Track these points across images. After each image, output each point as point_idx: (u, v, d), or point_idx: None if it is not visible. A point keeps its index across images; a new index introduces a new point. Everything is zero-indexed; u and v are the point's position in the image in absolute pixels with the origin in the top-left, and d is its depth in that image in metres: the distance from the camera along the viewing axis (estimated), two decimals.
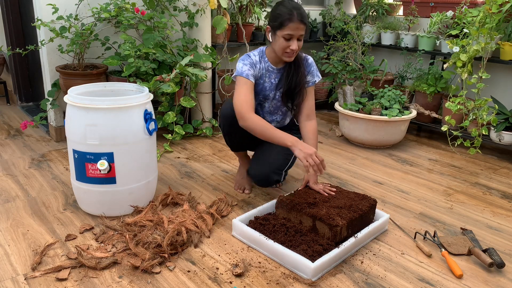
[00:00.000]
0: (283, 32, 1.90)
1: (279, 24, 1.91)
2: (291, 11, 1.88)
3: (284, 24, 1.89)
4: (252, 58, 2.04)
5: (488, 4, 2.75)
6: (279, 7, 1.93)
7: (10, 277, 1.57)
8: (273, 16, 1.94)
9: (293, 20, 1.88)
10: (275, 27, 1.93)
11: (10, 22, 3.56)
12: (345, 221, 1.76)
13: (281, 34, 1.91)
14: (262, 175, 2.09)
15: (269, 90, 2.13)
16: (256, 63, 2.04)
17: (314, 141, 2.09)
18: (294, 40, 1.92)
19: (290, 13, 1.88)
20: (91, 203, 1.99)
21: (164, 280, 1.58)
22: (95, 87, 2.10)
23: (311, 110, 2.13)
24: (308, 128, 2.11)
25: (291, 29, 1.89)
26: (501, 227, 2.08)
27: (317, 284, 1.60)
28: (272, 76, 2.10)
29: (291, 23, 1.88)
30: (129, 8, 2.76)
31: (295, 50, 1.94)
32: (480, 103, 2.76)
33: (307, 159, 1.80)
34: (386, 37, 3.67)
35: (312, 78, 2.14)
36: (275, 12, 1.93)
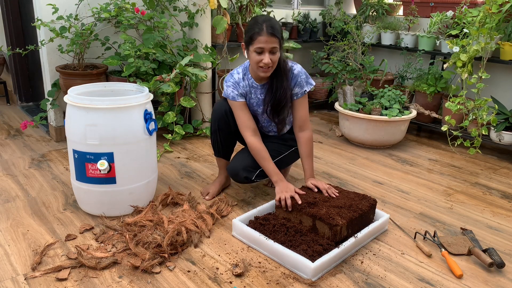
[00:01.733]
0: (254, 46, 1.87)
1: (249, 39, 1.88)
2: (261, 24, 1.85)
3: (254, 38, 1.86)
4: (235, 77, 2.04)
5: (488, 4, 2.75)
6: (251, 22, 1.92)
7: (10, 277, 1.57)
8: (245, 32, 1.92)
9: (261, 33, 1.84)
10: (247, 42, 1.91)
11: (10, 22, 3.56)
12: (345, 221, 1.76)
13: (253, 48, 1.88)
14: (233, 169, 2.10)
15: (257, 106, 2.11)
16: (239, 81, 2.04)
17: (308, 154, 2.10)
18: (265, 54, 1.87)
19: (259, 27, 1.85)
20: (91, 203, 1.99)
21: (164, 280, 1.58)
22: (95, 87, 2.10)
23: (303, 121, 2.10)
24: (301, 140, 2.10)
25: (260, 42, 1.85)
26: (501, 227, 2.08)
27: (317, 284, 1.60)
28: (257, 92, 2.08)
29: (260, 36, 1.85)
30: (129, 8, 2.76)
31: (267, 64, 1.88)
32: (480, 103, 2.76)
33: (280, 196, 1.90)
34: (386, 37, 3.68)
35: (301, 89, 2.06)
36: (247, 27, 1.91)
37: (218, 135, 2.17)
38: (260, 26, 1.84)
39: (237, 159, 2.14)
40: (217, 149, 2.23)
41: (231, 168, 2.13)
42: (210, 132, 2.21)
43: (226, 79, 2.05)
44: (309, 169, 2.10)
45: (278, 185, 1.96)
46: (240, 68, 2.07)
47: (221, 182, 2.29)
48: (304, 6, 4.10)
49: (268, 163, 2.00)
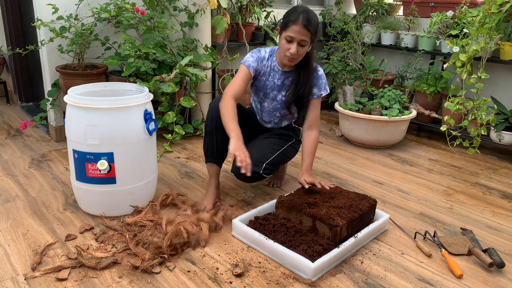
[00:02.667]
0: (286, 33, 1.89)
1: (284, 25, 1.91)
2: (299, 14, 1.86)
3: (288, 25, 1.88)
4: (262, 53, 2.07)
5: (488, 4, 2.75)
6: (291, 9, 1.94)
7: (10, 277, 1.57)
8: (283, 17, 1.95)
9: (297, 22, 1.86)
10: (282, 27, 1.93)
11: (10, 22, 3.56)
12: (345, 221, 1.76)
13: (284, 34, 1.90)
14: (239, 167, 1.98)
15: (270, 89, 2.12)
16: (263, 59, 2.07)
17: (311, 152, 2.09)
18: (294, 44, 1.89)
19: (296, 16, 1.86)
20: (91, 203, 1.99)
21: (164, 280, 1.58)
22: (95, 87, 2.10)
23: (313, 121, 2.12)
24: (308, 139, 2.11)
25: (293, 31, 1.87)
26: (501, 227, 2.08)
27: (317, 284, 1.60)
28: (276, 76, 2.09)
29: (294, 25, 1.86)
30: (129, 8, 2.76)
31: (293, 54, 1.91)
32: (479, 103, 2.76)
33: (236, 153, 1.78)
34: (386, 37, 3.68)
35: (319, 91, 2.09)
36: (286, 13, 1.94)
37: (214, 135, 2.10)
38: (297, 15, 1.85)
39: None
40: (211, 153, 2.13)
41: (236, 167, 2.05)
42: (205, 133, 2.14)
43: (254, 50, 2.08)
44: (308, 163, 2.08)
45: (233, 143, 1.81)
46: (268, 49, 2.10)
47: (215, 194, 2.16)
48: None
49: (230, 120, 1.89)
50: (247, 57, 2.05)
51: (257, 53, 2.07)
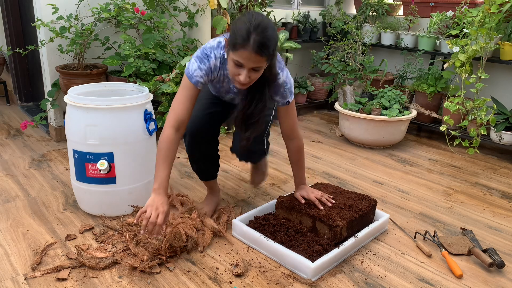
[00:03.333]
0: (233, 55, 1.47)
1: (232, 44, 1.47)
2: (249, 35, 1.42)
3: (236, 48, 1.45)
4: (211, 62, 1.62)
5: (488, 4, 2.75)
6: (240, 21, 1.47)
7: (10, 277, 1.57)
8: (231, 29, 1.51)
9: (246, 47, 1.43)
10: (230, 44, 1.49)
11: (10, 22, 3.56)
12: (345, 222, 1.76)
13: (232, 56, 1.49)
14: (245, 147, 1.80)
15: (226, 93, 1.83)
16: (214, 69, 1.65)
17: (299, 164, 1.91)
18: (244, 70, 1.48)
19: (245, 37, 1.42)
20: (91, 203, 1.99)
21: (164, 280, 1.58)
22: (95, 87, 2.10)
23: (290, 129, 1.83)
24: (290, 149, 1.88)
25: (241, 57, 1.45)
26: (501, 227, 2.08)
27: (317, 284, 1.60)
28: (230, 83, 1.74)
29: (243, 50, 1.43)
30: (129, 8, 2.75)
31: (243, 82, 1.50)
32: (479, 103, 2.76)
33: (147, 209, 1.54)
34: (386, 37, 3.67)
35: (283, 99, 1.73)
36: (234, 25, 1.49)
37: (201, 162, 1.94)
38: (247, 37, 1.42)
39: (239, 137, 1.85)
40: (202, 175, 2.02)
41: (237, 148, 1.91)
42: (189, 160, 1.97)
43: (200, 56, 1.62)
44: (298, 176, 1.91)
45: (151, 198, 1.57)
46: (218, 53, 1.63)
47: (214, 200, 2.08)
48: (304, 6, 4.10)
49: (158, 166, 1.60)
50: (193, 69, 1.61)
51: (206, 62, 1.62)
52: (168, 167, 1.61)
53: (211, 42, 1.65)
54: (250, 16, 1.47)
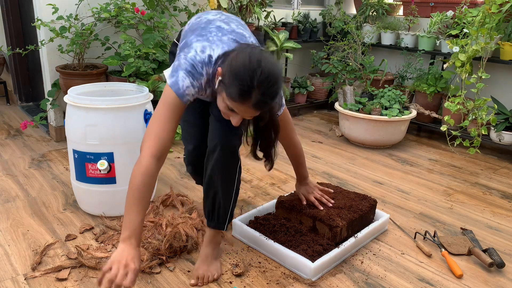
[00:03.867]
0: (228, 101, 1.27)
1: (227, 91, 1.25)
2: (251, 90, 1.21)
3: (233, 97, 1.24)
4: (203, 81, 1.37)
5: (488, 4, 2.75)
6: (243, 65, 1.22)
7: (10, 277, 1.57)
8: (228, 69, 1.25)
9: (245, 103, 1.24)
10: (226, 81, 1.26)
11: (10, 22, 3.56)
12: (345, 222, 1.76)
13: (225, 100, 1.28)
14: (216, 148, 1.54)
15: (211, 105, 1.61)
16: (204, 88, 1.40)
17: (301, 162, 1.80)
18: (236, 117, 1.32)
19: (246, 93, 1.22)
20: (91, 203, 1.99)
21: (164, 280, 1.58)
22: (95, 87, 2.10)
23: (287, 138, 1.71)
24: (292, 151, 1.77)
25: (236, 108, 1.28)
26: (501, 227, 2.08)
27: (317, 284, 1.60)
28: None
29: (240, 104, 1.25)
30: (129, 8, 2.76)
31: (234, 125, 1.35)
32: (480, 103, 2.76)
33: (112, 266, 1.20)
34: (386, 37, 3.67)
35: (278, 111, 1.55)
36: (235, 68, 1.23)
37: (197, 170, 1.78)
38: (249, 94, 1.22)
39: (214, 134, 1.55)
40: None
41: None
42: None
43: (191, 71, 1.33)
44: (299, 172, 1.82)
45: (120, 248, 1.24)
46: (210, 69, 1.36)
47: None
48: (304, 6, 4.10)
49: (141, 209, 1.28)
50: (185, 85, 1.32)
51: (199, 79, 1.35)
52: (144, 209, 1.28)
53: (200, 54, 1.34)
54: (256, 64, 1.21)
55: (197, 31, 1.43)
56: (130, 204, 1.27)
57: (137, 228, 1.26)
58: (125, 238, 1.25)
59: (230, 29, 1.42)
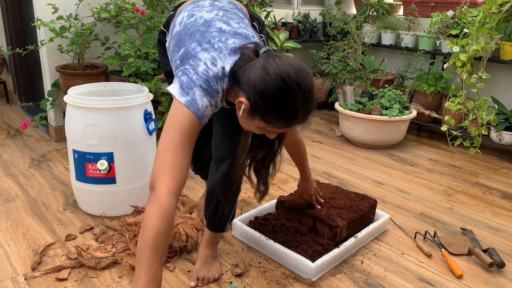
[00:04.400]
0: (265, 124, 1.14)
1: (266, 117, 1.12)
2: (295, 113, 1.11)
3: (278, 126, 1.14)
4: (218, 99, 1.20)
5: (488, 4, 2.75)
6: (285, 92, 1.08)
7: (10, 277, 1.57)
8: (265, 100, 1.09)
9: (292, 124, 1.14)
10: (261, 110, 1.11)
11: (10, 22, 3.55)
12: (345, 222, 1.76)
13: (264, 125, 1.15)
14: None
15: None
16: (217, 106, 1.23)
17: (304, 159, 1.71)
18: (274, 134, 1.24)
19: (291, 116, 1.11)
20: (91, 203, 1.99)
21: (164, 280, 1.58)
22: (95, 87, 2.10)
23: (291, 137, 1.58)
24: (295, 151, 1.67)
25: (279, 129, 1.18)
26: (501, 227, 2.08)
27: (317, 284, 1.60)
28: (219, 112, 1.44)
29: (288, 127, 1.16)
30: (129, 8, 2.75)
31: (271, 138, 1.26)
32: (480, 103, 2.76)
33: None
34: (386, 37, 3.67)
35: None
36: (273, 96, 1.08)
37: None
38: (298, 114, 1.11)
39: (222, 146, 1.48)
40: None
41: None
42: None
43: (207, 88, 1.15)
44: (301, 170, 1.76)
45: None
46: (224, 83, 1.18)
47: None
48: (304, 6, 4.10)
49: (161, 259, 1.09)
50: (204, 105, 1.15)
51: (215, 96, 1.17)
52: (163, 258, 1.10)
53: (212, 68, 1.17)
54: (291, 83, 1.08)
55: (197, 36, 1.24)
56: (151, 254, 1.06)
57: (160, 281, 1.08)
58: None
59: (232, 31, 1.25)
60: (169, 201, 1.08)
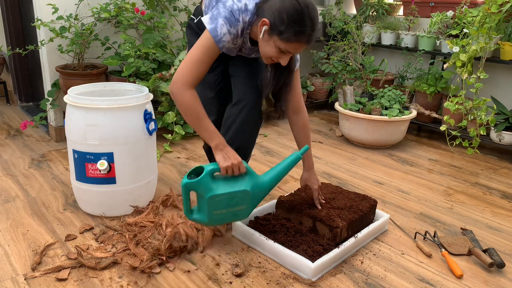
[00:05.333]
0: (281, 43, 1.46)
1: (283, 33, 1.44)
2: (307, 30, 1.43)
3: (289, 39, 1.44)
4: (239, 28, 1.52)
5: (488, 4, 2.75)
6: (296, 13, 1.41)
7: (10, 277, 1.57)
8: (282, 16, 1.42)
9: (301, 41, 1.45)
10: (276, 29, 1.44)
11: (10, 22, 3.56)
12: (345, 222, 1.76)
13: (278, 43, 1.47)
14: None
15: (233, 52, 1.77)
16: (238, 36, 1.56)
17: (306, 139, 1.85)
18: (287, 56, 1.52)
19: (303, 33, 1.43)
20: (91, 203, 1.99)
21: (164, 280, 1.58)
22: (95, 87, 2.10)
23: (298, 97, 1.79)
24: (299, 124, 1.84)
25: (292, 48, 1.48)
26: (501, 227, 2.08)
27: (317, 284, 1.60)
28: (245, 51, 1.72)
29: (297, 43, 1.46)
30: (129, 8, 2.76)
31: (283, 65, 1.56)
32: (479, 103, 2.76)
33: (227, 165, 1.55)
34: (386, 37, 3.67)
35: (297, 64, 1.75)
36: (289, 13, 1.42)
37: None
38: (305, 31, 1.43)
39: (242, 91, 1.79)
40: None
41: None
42: None
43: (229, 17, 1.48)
44: (308, 160, 1.87)
45: (221, 153, 1.56)
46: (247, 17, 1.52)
47: None
48: None
49: (207, 123, 1.55)
50: (222, 32, 1.49)
51: (235, 26, 1.51)
52: (209, 121, 1.57)
53: (237, 3, 1.50)
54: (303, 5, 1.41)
55: None
56: (199, 120, 1.53)
57: (217, 132, 1.57)
58: (219, 144, 1.56)
59: None
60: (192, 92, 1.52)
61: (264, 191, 1.68)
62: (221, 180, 1.59)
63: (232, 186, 1.58)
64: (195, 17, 1.82)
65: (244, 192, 1.59)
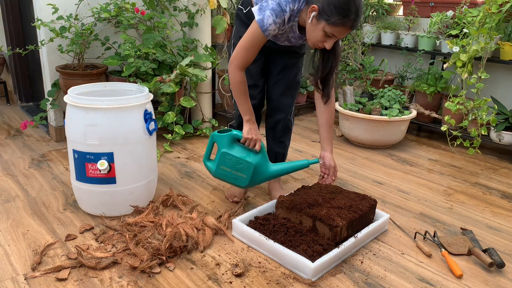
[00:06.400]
0: (328, 28, 1.61)
1: (329, 18, 1.58)
2: (352, 16, 1.58)
3: (335, 23, 1.58)
4: (285, 17, 1.70)
5: (488, 4, 2.75)
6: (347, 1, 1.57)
7: (10, 277, 1.57)
8: (330, 2, 1.58)
9: (346, 26, 1.59)
10: (324, 14, 1.59)
11: (10, 22, 3.56)
12: (345, 222, 1.76)
13: (325, 27, 1.61)
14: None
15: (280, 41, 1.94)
16: (285, 23, 1.73)
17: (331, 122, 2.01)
18: (332, 40, 1.66)
19: (348, 17, 1.57)
20: (91, 203, 1.99)
21: (164, 280, 1.58)
22: (95, 87, 2.10)
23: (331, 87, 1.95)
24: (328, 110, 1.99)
25: (338, 32, 1.62)
26: (501, 227, 2.08)
27: (317, 284, 1.60)
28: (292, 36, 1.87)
29: (342, 27, 1.60)
30: (129, 8, 2.76)
31: (328, 49, 1.70)
32: (479, 103, 2.76)
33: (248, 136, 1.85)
34: (386, 37, 3.67)
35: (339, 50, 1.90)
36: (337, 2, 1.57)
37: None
38: (350, 17, 1.57)
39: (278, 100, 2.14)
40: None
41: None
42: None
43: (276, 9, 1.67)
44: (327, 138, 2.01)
45: (248, 125, 1.86)
46: (294, 6, 1.70)
47: None
48: None
49: (245, 100, 1.85)
50: (268, 23, 1.67)
51: (281, 16, 1.68)
52: (249, 100, 1.86)
53: None
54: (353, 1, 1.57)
55: None
56: (241, 98, 1.83)
57: (252, 111, 1.86)
58: (249, 119, 1.85)
59: None
60: (241, 73, 1.80)
61: (265, 175, 1.91)
62: (239, 146, 1.88)
63: (243, 155, 1.86)
64: (243, 7, 2.00)
65: (249, 164, 1.84)
